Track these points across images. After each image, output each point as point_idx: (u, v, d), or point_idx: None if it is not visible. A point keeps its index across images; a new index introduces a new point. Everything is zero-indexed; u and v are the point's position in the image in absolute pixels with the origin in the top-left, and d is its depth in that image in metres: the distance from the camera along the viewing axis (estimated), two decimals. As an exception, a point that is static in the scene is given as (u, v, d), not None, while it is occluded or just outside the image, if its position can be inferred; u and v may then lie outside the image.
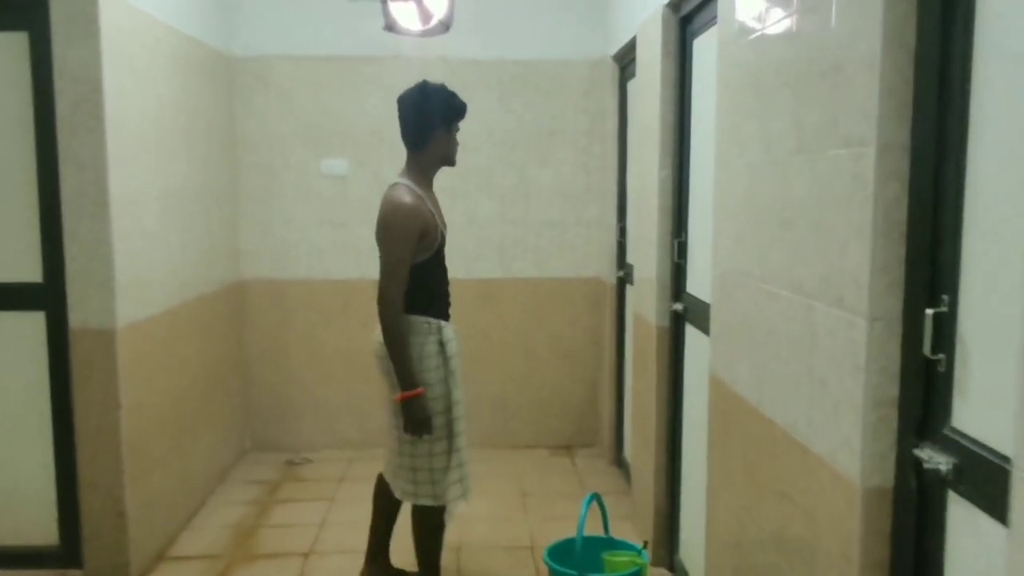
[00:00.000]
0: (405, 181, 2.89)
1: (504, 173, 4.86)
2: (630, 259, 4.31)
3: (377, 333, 2.85)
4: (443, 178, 4.84)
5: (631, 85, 4.25)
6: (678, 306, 3.21)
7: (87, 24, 3.05)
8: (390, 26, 4.36)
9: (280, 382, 4.92)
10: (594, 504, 2.87)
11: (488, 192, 4.86)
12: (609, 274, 4.60)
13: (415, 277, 2.78)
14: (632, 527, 3.73)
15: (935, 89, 1.45)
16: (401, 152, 4.85)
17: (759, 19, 2.10)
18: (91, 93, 3.08)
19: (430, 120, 2.89)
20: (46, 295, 3.20)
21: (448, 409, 2.85)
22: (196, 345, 4.06)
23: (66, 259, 3.14)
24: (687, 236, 3.19)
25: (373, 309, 4.73)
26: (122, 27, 3.23)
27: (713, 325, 2.53)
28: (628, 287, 4.38)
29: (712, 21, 2.89)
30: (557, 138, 4.86)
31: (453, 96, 2.95)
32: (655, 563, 3.38)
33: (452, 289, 3.01)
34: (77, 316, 3.16)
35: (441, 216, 2.97)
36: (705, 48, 3.00)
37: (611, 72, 4.48)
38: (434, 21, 4.36)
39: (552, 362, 5.02)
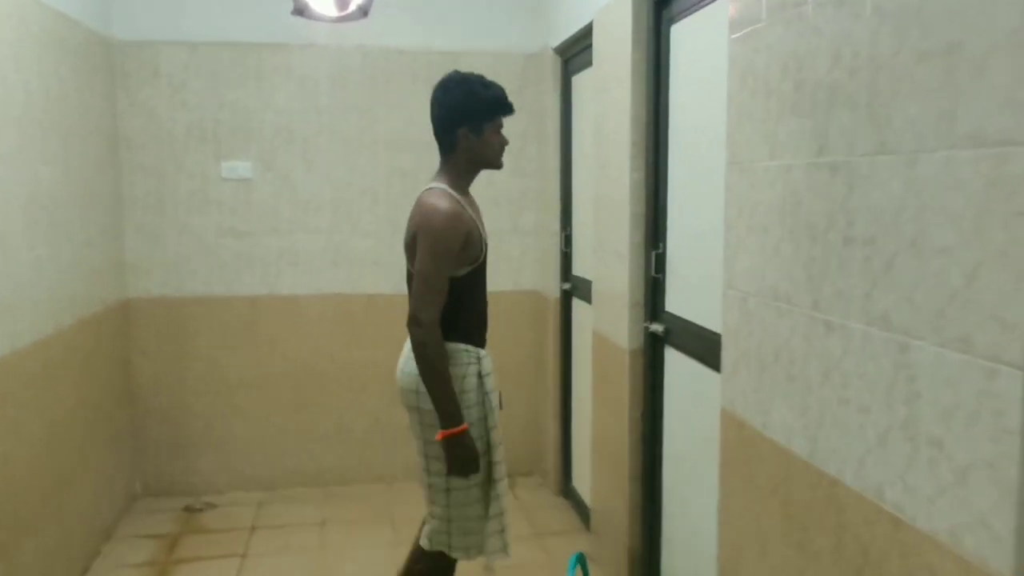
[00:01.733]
0: (440, 185, 2.49)
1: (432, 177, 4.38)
2: (578, 271, 3.94)
3: (403, 361, 2.51)
4: (364, 180, 4.36)
5: (578, 79, 3.87)
6: (656, 327, 2.83)
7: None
8: (300, 10, 3.83)
9: (176, 415, 4.28)
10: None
11: (415, 198, 4.36)
12: (552, 287, 4.21)
13: (455, 295, 2.40)
14: (599, 570, 3.33)
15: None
16: (312, 152, 4.36)
17: (805, -8, 1.73)
18: (-63, 75, 2.44)
19: (450, 118, 2.47)
20: None
21: (488, 451, 2.47)
22: (74, 378, 3.41)
23: (-94, 285, 2.49)
24: (666, 247, 2.82)
25: (283, 328, 4.21)
26: (-23, -5, 2.60)
27: (727, 355, 2.16)
28: (575, 301, 4.00)
29: (698, 4, 2.53)
30: (489, 138, 4.42)
31: (482, 87, 2.48)
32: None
33: (377, 305, 2.56)
34: (-78, 357, 2.51)
35: (483, 224, 2.55)
36: (687, 35, 2.64)
37: (552, 66, 4.08)
38: (352, 6, 3.86)
39: (486, 383, 4.58)
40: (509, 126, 4.33)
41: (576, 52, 3.81)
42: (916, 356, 1.42)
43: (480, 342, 2.52)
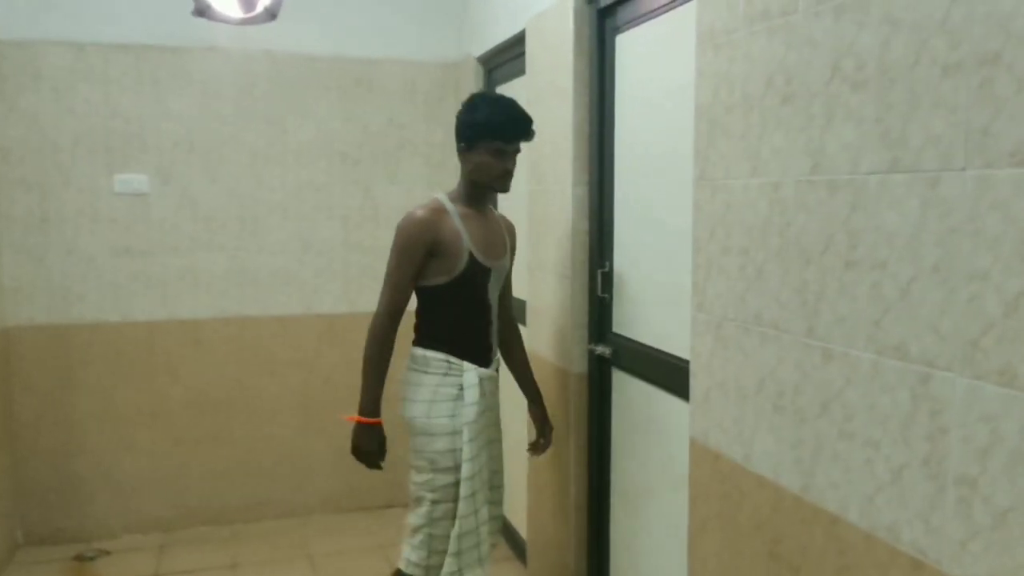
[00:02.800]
0: (439, 195, 2.60)
1: (346, 191, 4.14)
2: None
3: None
4: (272, 194, 4.05)
5: (505, 90, 3.71)
6: (603, 349, 2.71)
7: None
8: (202, 10, 3.53)
9: (64, 455, 3.86)
10: None
11: (328, 213, 4.11)
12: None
13: (430, 304, 2.55)
14: (537, 608, 3.17)
15: None
16: (215, 164, 4.03)
17: None
18: None
19: (459, 134, 2.58)
20: None
21: (457, 467, 2.47)
22: (-53, 422, 3.00)
23: None
24: (613, 266, 2.70)
25: (184, 355, 3.91)
26: None
27: (697, 383, 2.04)
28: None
29: (647, 14, 2.43)
30: (407, 152, 4.22)
31: (484, 106, 2.55)
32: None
33: (288, 327, 2.49)
34: None
35: (490, 244, 2.57)
36: (635, 46, 2.53)
37: (475, 75, 3.92)
38: (258, 7, 3.59)
39: (406, 408, 4.36)
40: (429, 136, 4.19)
41: (503, 61, 3.66)
42: (942, 389, 1.32)
43: (471, 357, 2.53)
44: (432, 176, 4.24)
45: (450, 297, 2.51)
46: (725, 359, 1.93)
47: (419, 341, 2.57)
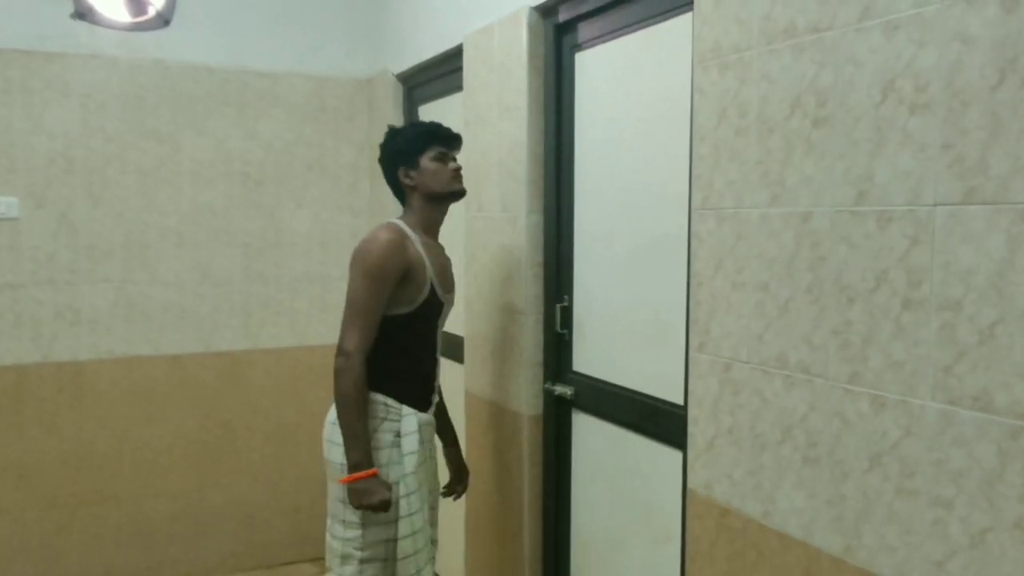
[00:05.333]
0: (394, 220, 2.37)
1: (247, 215, 3.77)
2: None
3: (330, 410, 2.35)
4: (164, 219, 3.60)
5: (429, 109, 3.47)
6: (563, 389, 2.50)
7: None
8: (83, 13, 3.14)
9: (-91, 526, 3.28)
10: None
11: (227, 240, 3.72)
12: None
13: (382, 336, 2.25)
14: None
15: None
16: (98, 185, 3.54)
17: (832, 15, 1.49)
18: None
19: (390, 165, 2.40)
20: None
21: (393, 522, 2.26)
22: None
23: None
24: (572, 300, 2.51)
25: (60, 402, 3.55)
26: None
27: (698, 430, 1.87)
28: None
29: (613, 32, 2.27)
30: (315, 173, 3.89)
31: (409, 126, 2.50)
32: None
33: (184, 367, 2.20)
34: None
35: (446, 277, 2.42)
36: (599, 64, 2.37)
37: (393, 93, 3.65)
38: (149, 12, 3.22)
39: (317, 453, 3.99)
40: (338, 157, 3.88)
41: (429, 79, 3.42)
42: (1041, 445, 1.19)
43: (411, 401, 2.32)
44: (341, 199, 3.93)
45: (401, 331, 2.28)
46: (736, 404, 1.76)
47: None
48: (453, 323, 3.22)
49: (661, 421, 2.13)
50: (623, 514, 2.33)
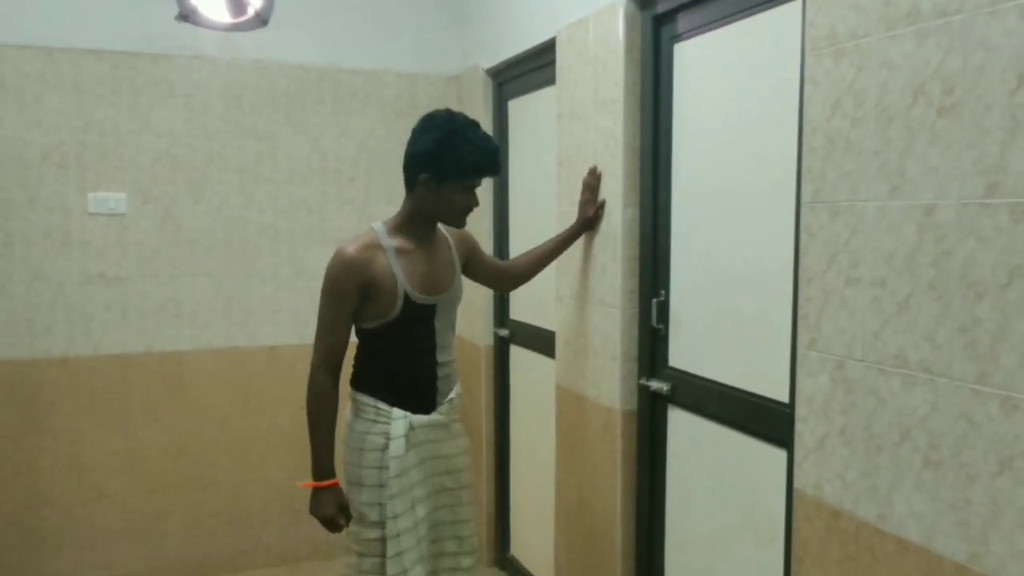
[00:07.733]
0: (376, 225, 2.37)
1: (341, 212, 3.84)
2: (518, 315, 3.53)
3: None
4: (262, 216, 3.71)
5: (518, 104, 3.48)
6: (658, 384, 2.47)
7: None
8: (186, 15, 3.25)
9: (25, 508, 3.46)
10: None
11: (321, 236, 3.80)
12: (482, 333, 3.75)
13: (362, 344, 2.39)
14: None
15: None
16: (200, 182, 3.68)
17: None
18: None
19: (417, 159, 2.29)
20: None
21: (382, 522, 2.30)
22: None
23: None
24: (669, 294, 2.47)
25: (163, 392, 3.70)
26: None
27: (807, 428, 1.81)
28: (514, 348, 3.59)
29: (714, 22, 2.23)
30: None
31: (465, 143, 2.26)
32: None
33: (280, 358, 2.29)
34: None
35: (434, 277, 2.38)
36: (699, 54, 2.32)
37: (484, 89, 3.67)
38: (249, 12, 3.31)
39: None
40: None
41: (518, 74, 3.42)
42: None
43: (407, 404, 2.34)
44: (432, 196, 3.96)
45: (388, 339, 2.32)
46: (849, 404, 1.70)
47: (353, 383, 2.41)
48: (543, 317, 3.23)
49: (764, 419, 2.08)
50: (722, 513, 2.28)
